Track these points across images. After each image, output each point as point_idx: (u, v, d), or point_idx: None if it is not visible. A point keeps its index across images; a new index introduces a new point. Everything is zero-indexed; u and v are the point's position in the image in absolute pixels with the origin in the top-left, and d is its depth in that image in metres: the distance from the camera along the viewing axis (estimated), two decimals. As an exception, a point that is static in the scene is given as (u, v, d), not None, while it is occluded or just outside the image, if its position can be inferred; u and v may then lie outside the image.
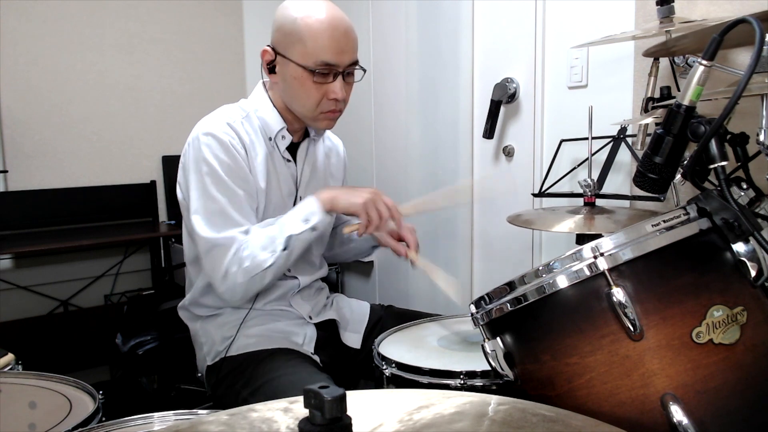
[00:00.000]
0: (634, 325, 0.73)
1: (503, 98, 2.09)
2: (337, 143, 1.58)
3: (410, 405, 0.66)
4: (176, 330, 1.48)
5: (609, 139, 1.66)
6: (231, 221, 1.26)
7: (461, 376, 1.08)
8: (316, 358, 1.37)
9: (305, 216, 1.26)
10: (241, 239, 1.25)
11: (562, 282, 0.78)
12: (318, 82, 1.27)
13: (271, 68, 1.32)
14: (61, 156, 2.67)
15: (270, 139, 1.35)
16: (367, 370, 1.43)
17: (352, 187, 1.34)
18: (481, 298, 0.88)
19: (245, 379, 1.29)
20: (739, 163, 1.06)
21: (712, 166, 0.82)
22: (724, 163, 0.81)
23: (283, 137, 1.36)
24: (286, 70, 1.29)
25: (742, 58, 1.42)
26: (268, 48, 1.30)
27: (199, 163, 1.27)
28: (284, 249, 1.24)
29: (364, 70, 1.34)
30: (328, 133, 1.53)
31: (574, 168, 1.77)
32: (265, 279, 1.27)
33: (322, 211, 1.26)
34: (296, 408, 0.64)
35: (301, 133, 1.42)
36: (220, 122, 1.29)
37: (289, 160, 1.39)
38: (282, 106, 1.36)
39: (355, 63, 1.31)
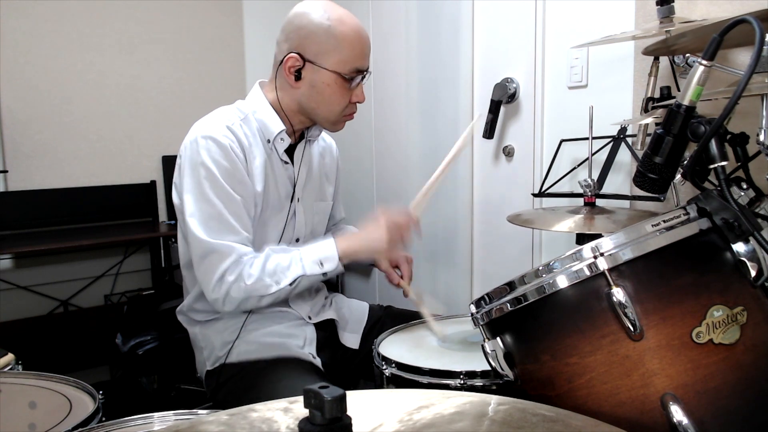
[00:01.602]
0: (634, 325, 0.73)
1: (503, 98, 2.09)
2: (331, 143, 1.58)
3: (410, 405, 0.66)
4: (176, 330, 1.48)
5: (609, 139, 1.66)
6: (227, 226, 1.25)
7: (461, 376, 1.08)
8: (317, 361, 1.37)
9: (321, 260, 1.28)
10: (242, 251, 1.25)
11: (562, 282, 0.78)
12: (348, 88, 1.31)
13: (295, 74, 1.31)
14: (61, 156, 2.67)
15: (268, 141, 1.35)
16: (367, 371, 1.43)
17: (365, 228, 1.34)
18: (481, 298, 0.88)
19: (245, 386, 1.29)
20: (739, 163, 1.06)
21: (712, 166, 0.82)
22: (724, 163, 0.80)
23: (281, 140, 1.36)
24: (316, 76, 1.29)
25: (742, 58, 1.42)
26: (295, 54, 1.28)
27: (196, 167, 1.27)
28: (291, 284, 1.27)
29: (370, 72, 1.36)
30: (322, 133, 1.53)
31: (574, 168, 1.77)
32: (261, 302, 1.28)
33: (338, 262, 1.29)
34: (296, 408, 0.64)
35: (298, 134, 1.42)
36: (219, 125, 1.29)
37: (286, 162, 1.39)
38: (288, 107, 1.35)
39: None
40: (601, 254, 0.76)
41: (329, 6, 1.29)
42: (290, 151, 1.40)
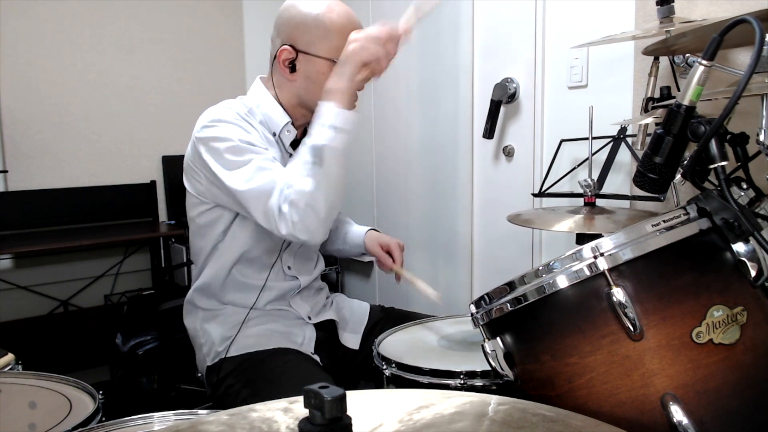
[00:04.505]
0: (634, 325, 0.73)
1: (503, 98, 2.09)
2: None
3: (410, 405, 0.66)
4: (176, 330, 1.48)
5: (609, 139, 1.66)
6: (260, 168, 1.21)
7: (461, 376, 1.08)
8: (316, 357, 1.37)
9: (325, 122, 1.19)
10: (281, 178, 1.19)
11: (562, 282, 0.78)
12: None
13: (289, 66, 1.30)
14: (61, 156, 2.67)
15: (274, 134, 1.35)
16: (367, 371, 1.43)
17: (340, 64, 1.23)
18: (481, 298, 0.88)
19: (245, 379, 1.29)
20: (739, 163, 1.06)
21: (712, 166, 0.82)
22: (724, 163, 0.81)
23: (288, 132, 1.36)
24: (310, 66, 1.28)
25: (742, 58, 1.42)
26: (288, 47, 1.28)
27: (214, 144, 1.24)
28: (314, 162, 1.17)
29: None
30: None
31: (574, 168, 1.77)
32: (317, 205, 1.17)
33: (341, 108, 1.19)
34: (296, 408, 0.64)
35: (301, 129, 1.42)
36: (228, 111, 1.29)
37: (291, 155, 1.39)
38: (288, 102, 1.35)
39: None
40: (601, 254, 0.76)
41: None
42: (293, 145, 1.40)
